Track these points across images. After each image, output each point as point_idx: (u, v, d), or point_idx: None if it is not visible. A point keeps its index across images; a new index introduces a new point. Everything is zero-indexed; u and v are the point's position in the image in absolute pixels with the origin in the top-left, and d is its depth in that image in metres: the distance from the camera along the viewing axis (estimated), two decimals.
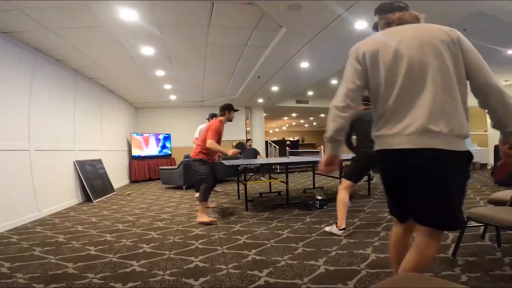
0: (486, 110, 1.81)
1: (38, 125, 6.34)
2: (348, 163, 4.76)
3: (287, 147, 18.82)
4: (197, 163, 5.59)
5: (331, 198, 6.75)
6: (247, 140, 12.53)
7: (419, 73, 1.77)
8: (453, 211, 1.76)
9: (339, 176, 6.89)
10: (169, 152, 14.74)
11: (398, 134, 1.81)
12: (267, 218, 5.45)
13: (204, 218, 5.27)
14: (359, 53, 2.04)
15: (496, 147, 8.07)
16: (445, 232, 2.30)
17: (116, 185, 10.39)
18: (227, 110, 5.87)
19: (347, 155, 5.63)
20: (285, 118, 26.35)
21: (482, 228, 3.83)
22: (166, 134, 14.71)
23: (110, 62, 7.67)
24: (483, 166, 11.80)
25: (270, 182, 8.63)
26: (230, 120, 6.01)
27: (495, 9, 5.75)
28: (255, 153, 11.87)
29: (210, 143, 5.34)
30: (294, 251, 3.65)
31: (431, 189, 1.75)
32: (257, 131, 16.82)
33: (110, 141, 10.74)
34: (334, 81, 13.04)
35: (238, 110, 6.35)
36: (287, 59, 8.01)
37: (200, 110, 15.15)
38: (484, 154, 12.00)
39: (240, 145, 6.84)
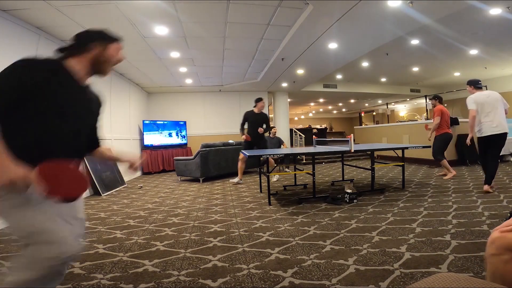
0: None
1: None
2: None
3: (313, 136, 18.75)
4: None
5: (361, 191, 6.73)
6: (271, 127, 12.52)
7: None
8: None
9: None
10: (185, 141, 14.87)
11: None
12: (292, 213, 5.45)
13: None
14: None
15: None
16: None
17: (126, 177, 10.58)
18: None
19: None
20: (312, 103, 26.22)
21: None
22: (182, 121, 14.83)
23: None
24: None
25: (295, 174, 8.62)
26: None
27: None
28: (279, 143, 11.84)
29: None
30: (322, 250, 3.64)
31: None
32: (281, 118, 16.78)
33: (120, 128, 10.89)
34: (364, 64, 12.92)
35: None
36: (314, 40, 7.96)
37: (219, 95, 15.21)
38: None
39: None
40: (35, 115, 1.82)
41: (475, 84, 6.56)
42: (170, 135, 14.26)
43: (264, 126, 8.96)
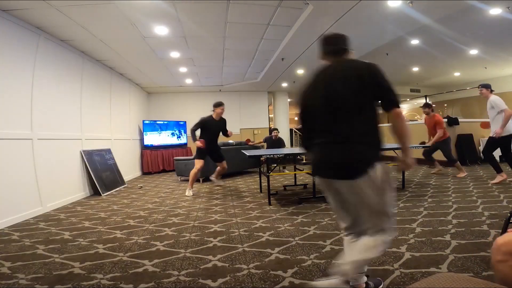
0: None
1: (42, 112, 6.41)
2: None
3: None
4: None
5: None
6: (273, 129, 12.48)
7: None
8: None
9: None
10: (185, 141, 14.87)
11: None
12: (292, 213, 5.45)
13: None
14: None
15: None
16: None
17: (126, 177, 10.57)
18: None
19: None
20: None
21: None
22: (181, 121, 14.83)
23: (120, 43, 7.74)
24: None
25: (295, 174, 8.62)
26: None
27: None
28: (281, 144, 11.89)
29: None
30: (322, 249, 3.65)
31: None
32: (281, 118, 16.79)
33: (120, 129, 10.89)
34: None
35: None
36: (314, 40, 7.94)
37: (219, 95, 15.21)
38: None
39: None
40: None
41: (491, 87, 7.15)
42: (171, 135, 14.29)
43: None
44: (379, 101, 2.36)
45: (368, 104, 2.34)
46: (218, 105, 7.88)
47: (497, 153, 7.32)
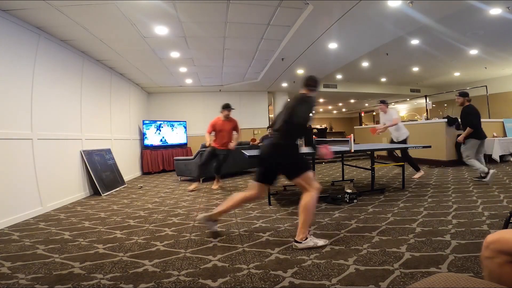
0: None
1: (42, 112, 6.41)
2: None
3: (313, 136, 18.75)
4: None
5: (361, 191, 6.72)
6: (269, 127, 12.45)
7: None
8: None
9: None
10: (185, 141, 14.87)
11: None
12: (292, 213, 5.45)
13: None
14: None
15: None
16: None
17: (126, 177, 10.60)
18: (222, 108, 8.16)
19: None
20: None
21: None
22: (181, 121, 14.84)
23: (120, 43, 7.73)
24: None
25: None
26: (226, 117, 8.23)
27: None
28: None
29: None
30: (322, 250, 3.64)
31: None
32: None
33: (120, 129, 10.88)
34: (364, 64, 12.88)
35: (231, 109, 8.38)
36: (314, 40, 7.96)
37: (219, 95, 15.20)
38: None
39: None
40: None
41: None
42: (170, 135, 14.28)
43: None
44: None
45: None
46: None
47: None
